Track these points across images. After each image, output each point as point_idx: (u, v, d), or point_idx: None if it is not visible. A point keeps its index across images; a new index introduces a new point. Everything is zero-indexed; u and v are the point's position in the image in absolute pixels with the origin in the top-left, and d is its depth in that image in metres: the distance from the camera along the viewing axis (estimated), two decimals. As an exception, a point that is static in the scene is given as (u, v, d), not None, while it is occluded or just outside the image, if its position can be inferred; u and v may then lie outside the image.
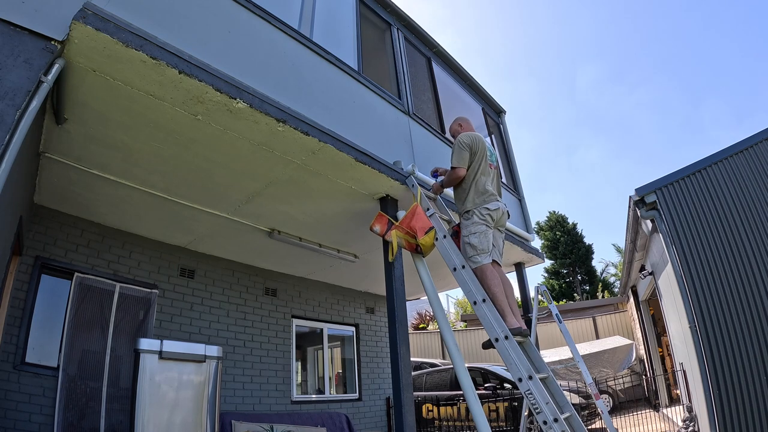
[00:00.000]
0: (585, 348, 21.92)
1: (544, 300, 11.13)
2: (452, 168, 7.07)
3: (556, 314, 10.96)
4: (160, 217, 8.82)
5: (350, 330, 14.24)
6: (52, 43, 4.41)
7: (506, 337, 5.75)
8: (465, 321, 35.87)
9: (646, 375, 21.04)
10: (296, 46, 7.01)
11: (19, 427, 7.14)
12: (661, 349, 20.34)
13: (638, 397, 20.59)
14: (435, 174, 8.17)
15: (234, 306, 11.08)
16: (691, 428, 12.29)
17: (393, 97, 8.86)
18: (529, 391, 5.35)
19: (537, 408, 5.24)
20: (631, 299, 22.61)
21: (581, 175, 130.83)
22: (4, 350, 7.25)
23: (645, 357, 21.11)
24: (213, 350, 8.19)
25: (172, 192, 7.84)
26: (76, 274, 8.42)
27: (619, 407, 19.34)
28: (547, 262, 52.39)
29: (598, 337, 26.05)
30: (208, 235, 9.73)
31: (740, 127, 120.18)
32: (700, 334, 9.74)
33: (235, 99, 5.54)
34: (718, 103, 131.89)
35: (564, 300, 45.85)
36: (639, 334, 21.87)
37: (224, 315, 10.79)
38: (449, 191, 7.99)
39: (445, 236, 6.70)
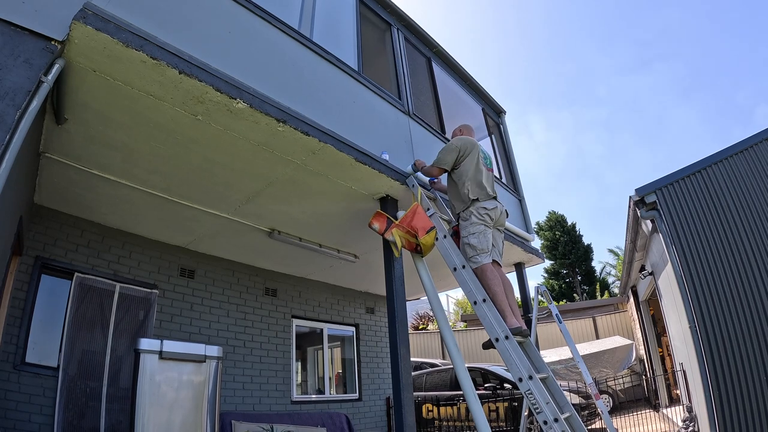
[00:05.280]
0: (585, 348, 21.92)
1: (544, 300, 11.13)
2: (432, 165, 7.37)
3: (556, 314, 10.97)
4: (160, 217, 8.83)
5: (350, 330, 14.24)
6: (53, 43, 4.41)
7: (506, 337, 5.77)
8: (465, 321, 35.89)
9: (646, 375, 21.05)
10: (296, 46, 7.02)
11: (19, 427, 7.15)
12: (661, 349, 20.36)
13: (638, 397, 20.64)
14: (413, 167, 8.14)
15: (234, 306, 11.08)
16: (691, 428, 12.30)
17: (393, 97, 8.87)
18: (529, 391, 5.36)
19: (537, 408, 5.25)
20: (631, 299, 22.60)
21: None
22: (4, 350, 7.25)
23: (645, 357, 21.12)
24: (213, 350, 8.19)
25: (173, 192, 7.84)
26: (76, 274, 8.42)
27: (619, 407, 19.37)
28: (547, 263, 52.44)
29: (598, 337, 26.06)
30: (208, 235, 9.74)
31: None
32: (700, 334, 9.74)
33: (236, 99, 5.55)
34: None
35: (564, 300, 45.87)
36: (639, 334, 21.87)
37: (224, 315, 10.80)
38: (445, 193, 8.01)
39: (445, 236, 6.71)
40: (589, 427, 14.96)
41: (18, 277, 7.63)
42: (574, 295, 49.85)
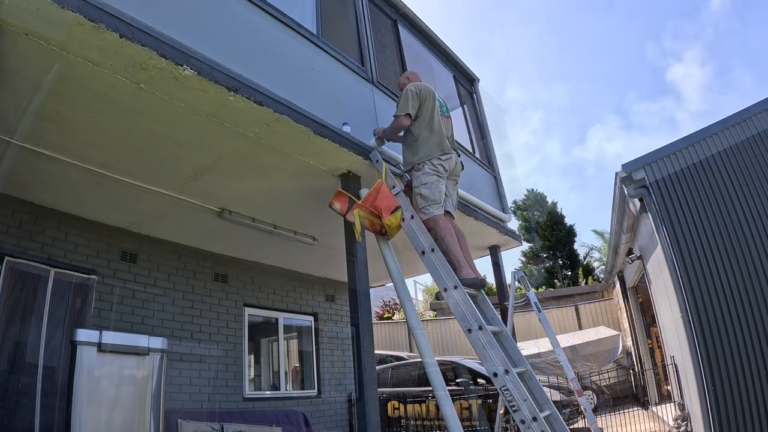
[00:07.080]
0: (567, 339, 22.08)
1: (522, 287, 11.23)
2: (396, 116, 7.38)
3: (535, 302, 11.07)
4: (98, 196, 8.80)
5: (308, 320, 14.31)
6: (-21, 4, 4.41)
7: (455, 287, 5.94)
8: (434, 310, 36.07)
9: (633, 369, 21.30)
10: (249, 7, 7.03)
11: (-59, 429, 7.14)
12: (650, 341, 20.59)
13: (625, 394, 20.92)
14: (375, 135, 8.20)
15: (180, 293, 11.10)
16: (683, 428, 12.46)
17: (355, 63, 8.93)
18: (505, 387, 5.44)
19: (514, 405, 5.34)
20: (618, 286, 22.73)
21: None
22: (-77, 344, 7.23)
23: (633, 349, 21.36)
24: (157, 342, 8.21)
25: (113, 168, 7.82)
26: (6, 258, 8.38)
27: (605, 405, 19.54)
28: (525, 245, 52.59)
29: (581, 328, 26.33)
30: (152, 216, 9.73)
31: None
32: (694, 324, 9.75)
33: (182, 66, 5.57)
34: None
35: (543, 287, 46.10)
36: (626, 325, 22.08)
37: (169, 303, 10.81)
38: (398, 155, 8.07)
39: (412, 216, 6.79)
40: (571, 427, 15.12)
41: (-63, 262, 7.60)
42: (555, 281, 50.12)
